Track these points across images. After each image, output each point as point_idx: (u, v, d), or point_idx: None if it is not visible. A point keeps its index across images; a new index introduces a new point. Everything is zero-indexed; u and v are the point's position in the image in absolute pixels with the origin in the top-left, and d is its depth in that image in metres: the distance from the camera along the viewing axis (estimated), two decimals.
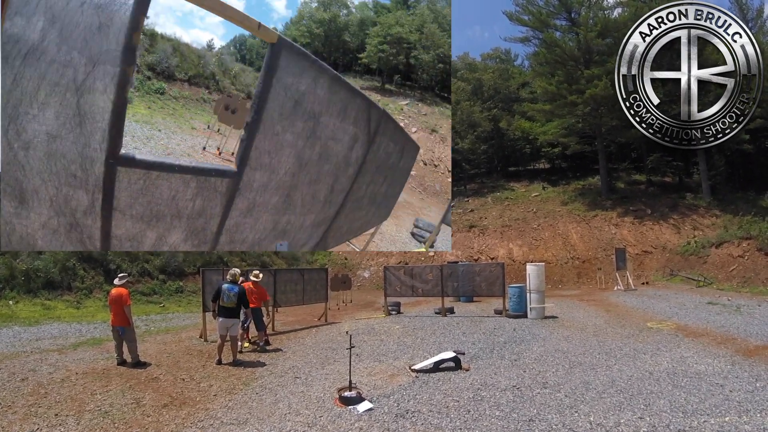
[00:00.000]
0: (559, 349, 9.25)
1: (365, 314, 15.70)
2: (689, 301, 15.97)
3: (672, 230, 26.11)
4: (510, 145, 38.45)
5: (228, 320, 8.45)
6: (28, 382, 7.13)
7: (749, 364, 7.64)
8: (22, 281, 14.32)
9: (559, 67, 31.08)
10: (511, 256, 26.31)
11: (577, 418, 5.42)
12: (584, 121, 30.61)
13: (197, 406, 6.14)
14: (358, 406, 5.96)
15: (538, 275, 13.58)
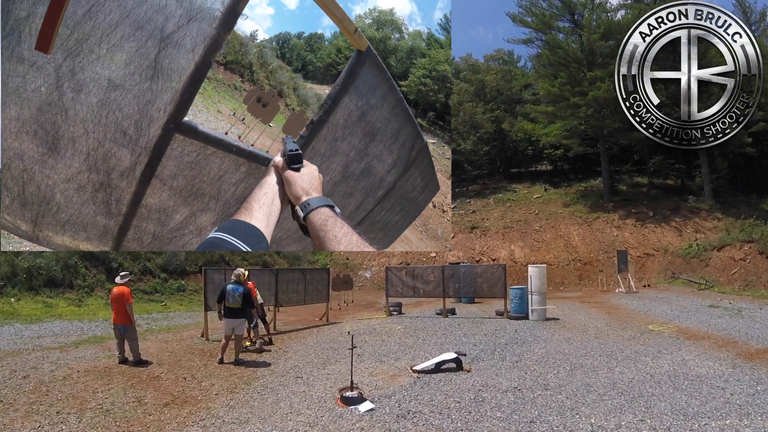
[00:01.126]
0: (561, 351, 9.25)
1: (367, 314, 15.70)
2: (691, 303, 15.95)
3: (674, 233, 26.08)
4: (512, 146, 38.43)
5: (233, 320, 8.47)
6: (29, 380, 7.15)
7: (750, 368, 7.63)
8: (24, 279, 14.35)
9: (562, 69, 31.08)
10: (513, 257, 26.30)
11: (578, 420, 5.42)
12: (587, 123, 30.61)
13: (199, 405, 6.15)
14: (360, 406, 5.97)
15: (539, 277, 13.58)
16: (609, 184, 31.61)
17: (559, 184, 35.46)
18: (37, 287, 14.53)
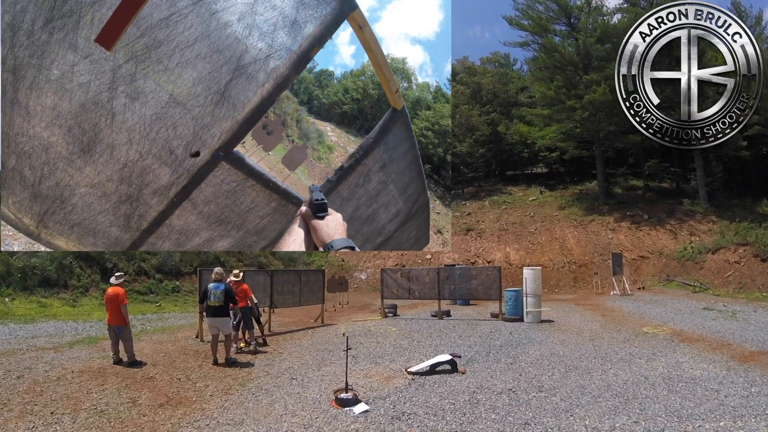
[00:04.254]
0: (555, 353, 9.27)
1: (362, 316, 15.70)
2: (685, 306, 16.01)
3: (669, 236, 26.20)
4: (508, 149, 38.58)
5: (216, 319, 8.45)
6: (23, 380, 7.11)
7: (744, 370, 7.67)
8: (18, 278, 14.29)
9: (558, 72, 31.20)
10: (508, 259, 26.36)
11: (573, 422, 5.43)
12: (582, 126, 30.73)
13: (193, 406, 6.13)
14: (354, 407, 5.96)
15: (534, 279, 13.61)
16: (604, 187, 31.73)
17: (554, 186, 35.59)
18: (31, 287, 14.47)
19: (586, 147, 33.10)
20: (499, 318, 14.05)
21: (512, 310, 13.87)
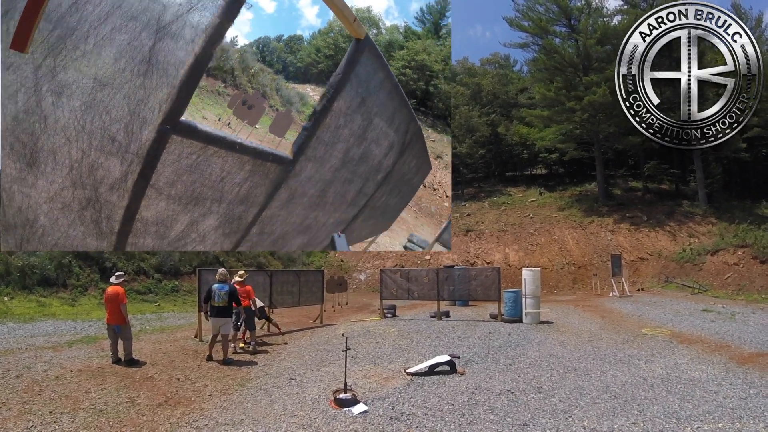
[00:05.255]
0: (554, 354, 9.27)
1: (361, 317, 15.70)
2: (684, 308, 16.02)
3: (668, 237, 26.22)
4: (508, 150, 38.57)
5: (220, 319, 8.52)
6: (22, 379, 7.11)
7: (743, 371, 7.67)
8: (17, 277, 14.28)
9: (558, 74, 31.22)
10: (507, 260, 26.36)
11: (571, 423, 5.44)
12: (582, 127, 30.74)
13: (192, 406, 6.13)
14: (353, 408, 5.96)
15: (533, 280, 13.61)
16: (604, 189, 31.74)
17: (554, 187, 35.59)
18: (30, 286, 14.46)
19: (586, 148, 33.12)
20: (498, 319, 14.05)
21: (511, 311, 13.87)
